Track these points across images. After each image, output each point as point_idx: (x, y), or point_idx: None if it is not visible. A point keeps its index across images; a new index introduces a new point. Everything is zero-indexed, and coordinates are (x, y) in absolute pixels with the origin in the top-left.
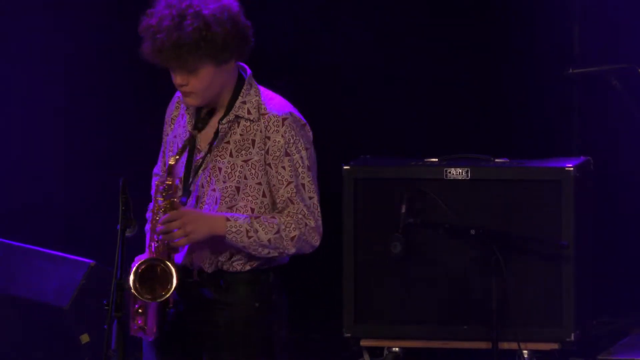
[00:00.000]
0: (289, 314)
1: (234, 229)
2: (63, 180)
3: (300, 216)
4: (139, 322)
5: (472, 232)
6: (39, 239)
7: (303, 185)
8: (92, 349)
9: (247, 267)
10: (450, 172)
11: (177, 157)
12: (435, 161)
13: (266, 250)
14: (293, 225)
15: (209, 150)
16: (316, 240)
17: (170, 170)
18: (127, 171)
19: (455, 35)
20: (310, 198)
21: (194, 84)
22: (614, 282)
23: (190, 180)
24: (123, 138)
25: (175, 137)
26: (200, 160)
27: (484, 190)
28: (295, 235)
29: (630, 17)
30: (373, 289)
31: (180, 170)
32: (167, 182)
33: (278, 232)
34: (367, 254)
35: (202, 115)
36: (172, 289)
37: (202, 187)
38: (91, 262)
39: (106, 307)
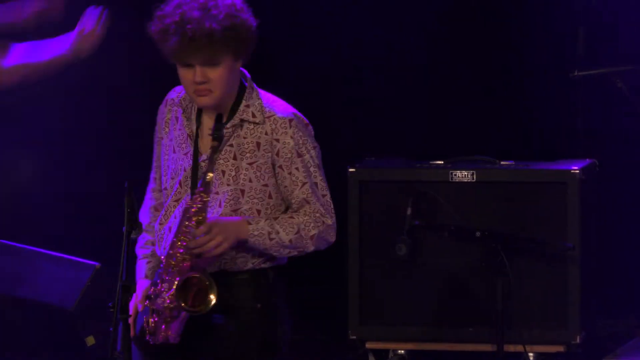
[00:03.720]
0: (295, 315)
1: (256, 232)
2: (67, 182)
3: (317, 215)
4: (165, 330)
5: (478, 234)
6: (44, 241)
7: (316, 184)
8: (98, 351)
9: (249, 266)
10: (455, 175)
11: (211, 174)
12: (441, 164)
13: (287, 251)
14: (312, 224)
15: (214, 154)
16: (332, 237)
17: (207, 187)
18: (132, 173)
19: (459, 37)
20: (324, 196)
21: (214, 80)
22: (619, 284)
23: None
24: (128, 139)
25: (171, 140)
26: (203, 164)
27: (489, 193)
28: (314, 234)
29: (635, 19)
30: (378, 291)
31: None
32: (205, 199)
33: (298, 232)
34: (372, 256)
35: (202, 119)
36: (214, 300)
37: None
38: (96, 264)
39: (111, 310)
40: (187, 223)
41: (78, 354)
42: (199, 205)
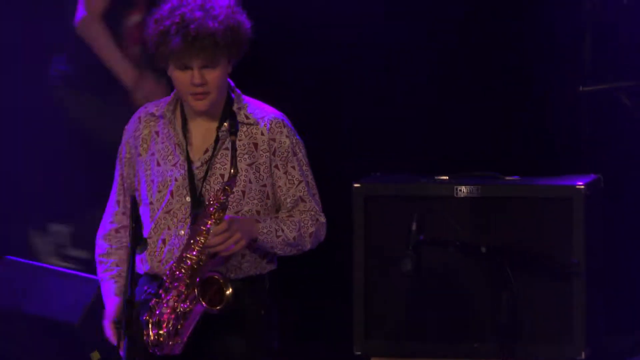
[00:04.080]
0: (300, 329)
1: (265, 230)
2: (69, 194)
3: (312, 213)
4: (173, 339)
5: (483, 249)
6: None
7: (308, 182)
8: None
9: (252, 271)
10: (460, 190)
11: (233, 170)
12: (446, 179)
13: (289, 249)
14: (310, 222)
15: (210, 159)
16: (324, 235)
17: (227, 186)
18: None
19: (464, 52)
20: (315, 195)
21: (211, 82)
22: (625, 299)
23: (199, 190)
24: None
25: (152, 154)
26: (200, 169)
27: (495, 208)
28: (312, 232)
29: None
30: (383, 307)
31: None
32: (221, 199)
33: (299, 229)
34: (377, 271)
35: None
36: (230, 297)
37: (206, 195)
38: None
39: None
40: (205, 220)
41: None
42: (220, 202)
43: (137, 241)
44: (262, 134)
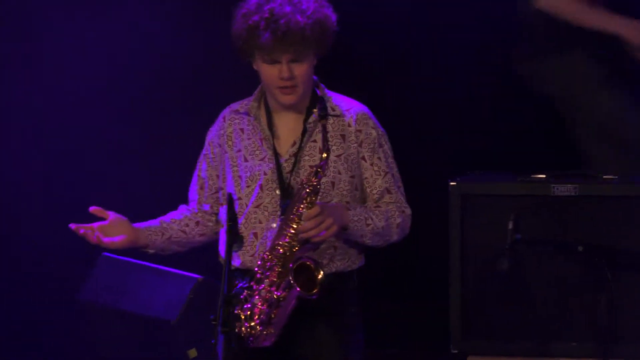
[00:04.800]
0: (396, 329)
1: (355, 218)
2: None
3: (399, 204)
4: (269, 329)
5: (580, 248)
6: (147, 255)
7: (393, 174)
8: None
9: (343, 266)
10: (557, 189)
11: (324, 153)
12: (543, 177)
13: (377, 238)
14: (397, 213)
15: (298, 151)
16: (408, 228)
17: (319, 169)
18: None
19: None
20: (400, 187)
21: (299, 76)
22: None
23: (287, 183)
24: None
25: (239, 151)
26: (288, 162)
27: (592, 207)
28: (399, 222)
29: None
30: (480, 306)
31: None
32: (314, 182)
33: (387, 219)
34: (474, 270)
35: (274, 120)
36: (323, 279)
37: (295, 187)
38: (199, 277)
39: (213, 322)
40: (298, 205)
41: None
42: (313, 186)
43: (234, 238)
44: (349, 125)
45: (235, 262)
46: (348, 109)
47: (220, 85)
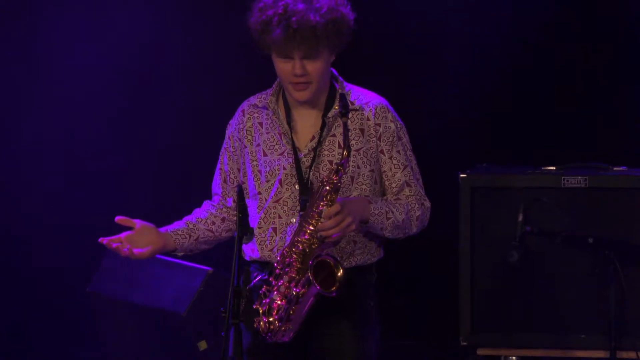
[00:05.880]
0: (406, 321)
1: (376, 211)
2: (175, 185)
3: (418, 197)
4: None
5: (590, 240)
6: None
7: (412, 167)
8: (210, 356)
9: (362, 260)
10: (567, 181)
11: (345, 151)
12: (553, 169)
13: (397, 231)
14: (416, 206)
15: (318, 145)
16: (427, 220)
17: (340, 167)
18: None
19: (567, 48)
20: (419, 179)
21: (312, 73)
22: None
23: (306, 177)
24: None
25: (258, 145)
26: (307, 157)
27: (602, 199)
28: (418, 215)
29: None
30: (490, 298)
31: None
32: (334, 180)
33: (407, 212)
34: (483, 262)
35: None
36: (342, 277)
37: (314, 182)
38: (209, 269)
39: (223, 315)
40: (318, 202)
41: (190, 358)
42: (333, 184)
43: (244, 231)
44: (368, 119)
45: (254, 255)
46: (367, 102)
47: (224, 85)
